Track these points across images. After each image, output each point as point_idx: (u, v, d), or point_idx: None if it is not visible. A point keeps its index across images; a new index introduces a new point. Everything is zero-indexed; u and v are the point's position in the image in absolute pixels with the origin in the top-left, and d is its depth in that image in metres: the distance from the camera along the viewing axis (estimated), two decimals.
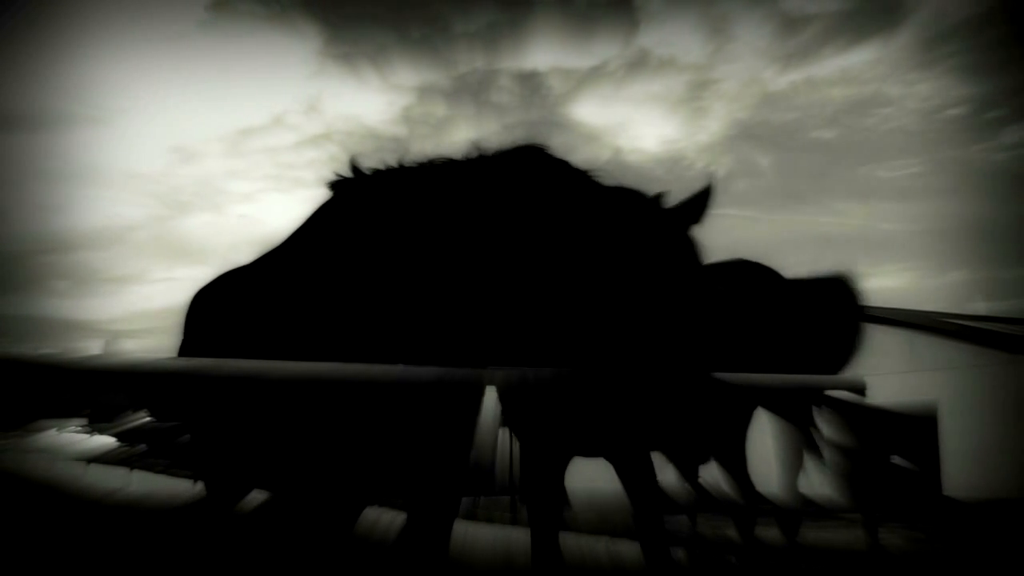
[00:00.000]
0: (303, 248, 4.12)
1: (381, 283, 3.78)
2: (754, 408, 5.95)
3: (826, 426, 6.07)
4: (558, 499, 4.66)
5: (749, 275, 6.02)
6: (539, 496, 4.60)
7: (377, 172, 4.09)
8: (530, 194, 3.82)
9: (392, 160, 4.10)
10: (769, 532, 6.16)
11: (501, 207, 3.80)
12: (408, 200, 3.93)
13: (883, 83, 43.96)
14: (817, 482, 6.13)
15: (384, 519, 4.85)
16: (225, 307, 4.23)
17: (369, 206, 4.01)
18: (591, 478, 4.78)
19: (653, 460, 4.67)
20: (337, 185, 4.14)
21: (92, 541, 6.85)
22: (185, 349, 4.26)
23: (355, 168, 4.11)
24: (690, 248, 3.85)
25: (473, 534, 5.26)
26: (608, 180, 3.98)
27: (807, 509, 6.37)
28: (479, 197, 3.84)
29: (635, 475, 4.53)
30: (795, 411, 6.01)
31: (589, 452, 4.69)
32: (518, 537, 4.61)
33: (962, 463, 12.87)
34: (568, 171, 3.95)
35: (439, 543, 3.94)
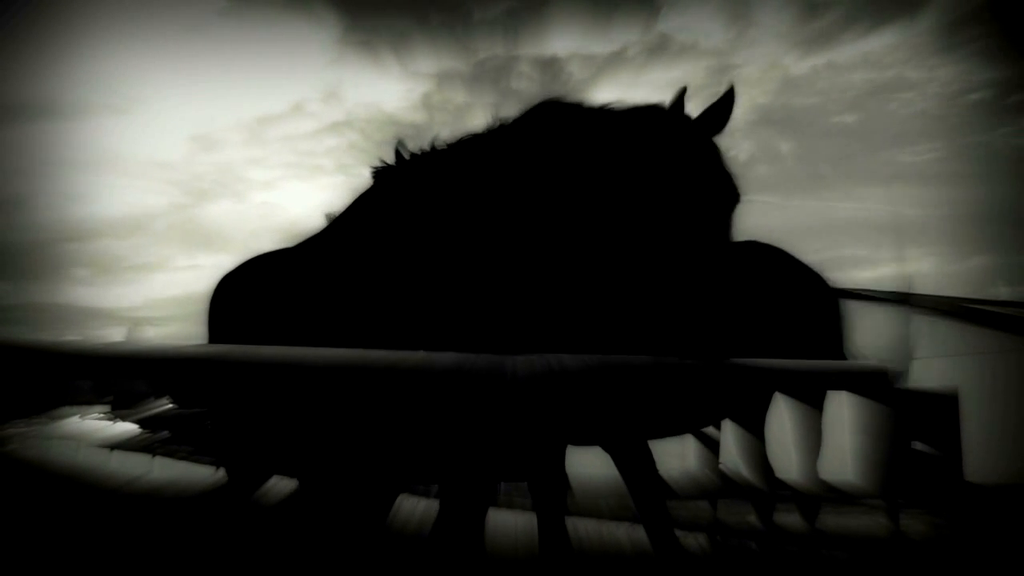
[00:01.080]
0: (334, 237, 4.15)
1: (408, 270, 3.80)
2: (772, 393, 5.93)
3: (846, 411, 6.04)
4: (561, 484, 4.67)
5: (762, 258, 5.99)
6: (542, 481, 4.61)
7: (413, 157, 4.13)
8: (547, 165, 3.82)
9: (420, 145, 4.14)
10: (789, 518, 6.15)
11: (519, 185, 3.80)
12: (430, 187, 3.94)
13: (905, 67, 43.45)
14: (836, 467, 6.10)
15: (408, 506, 4.87)
16: (253, 293, 4.26)
17: (399, 194, 4.04)
18: (609, 464, 4.79)
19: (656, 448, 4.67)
20: (378, 174, 4.19)
21: (115, 527, 6.91)
22: (211, 336, 4.30)
23: (398, 153, 4.16)
24: (719, 166, 3.84)
25: (496, 521, 5.28)
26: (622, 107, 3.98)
27: (827, 495, 6.35)
28: (498, 175, 3.85)
29: (632, 464, 4.52)
30: (812, 396, 5.99)
31: (585, 441, 4.67)
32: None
33: (984, 449, 12.77)
34: (584, 119, 3.95)
35: (473, 532, 3.96)
